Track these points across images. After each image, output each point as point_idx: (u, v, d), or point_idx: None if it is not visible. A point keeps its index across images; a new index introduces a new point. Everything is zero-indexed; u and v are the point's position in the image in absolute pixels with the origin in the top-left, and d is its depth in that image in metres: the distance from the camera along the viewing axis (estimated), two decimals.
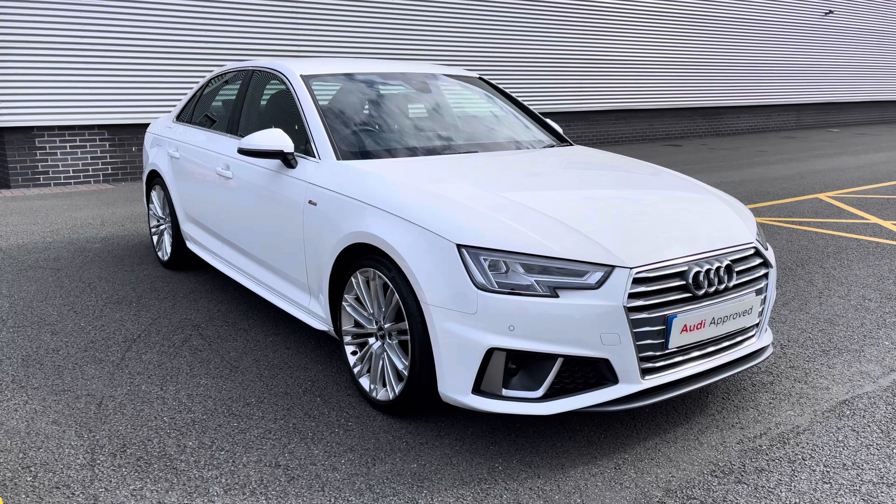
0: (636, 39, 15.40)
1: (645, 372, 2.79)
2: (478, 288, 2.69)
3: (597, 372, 2.76)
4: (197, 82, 8.67)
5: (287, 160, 3.71)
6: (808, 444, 2.93)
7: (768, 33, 17.92)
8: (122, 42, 9.82)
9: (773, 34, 18.03)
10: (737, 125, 18.12)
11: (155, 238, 5.67)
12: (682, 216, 3.19)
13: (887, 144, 15.31)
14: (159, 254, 5.59)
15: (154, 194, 5.61)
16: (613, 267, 2.73)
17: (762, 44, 17.82)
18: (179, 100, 9.99)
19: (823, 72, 19.52)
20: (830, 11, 19.00)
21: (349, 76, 4.32)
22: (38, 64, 9.30)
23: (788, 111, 19.38)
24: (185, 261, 5.34)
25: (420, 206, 3.00)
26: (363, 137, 3.86)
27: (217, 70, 5.34)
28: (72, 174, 9.86)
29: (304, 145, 3.77)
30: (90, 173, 9.99)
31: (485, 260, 2.73)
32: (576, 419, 3.13)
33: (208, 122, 5.04)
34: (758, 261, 3.16)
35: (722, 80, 17.16)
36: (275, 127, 3.94)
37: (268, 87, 4.54)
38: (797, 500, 2.55)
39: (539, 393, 2.74)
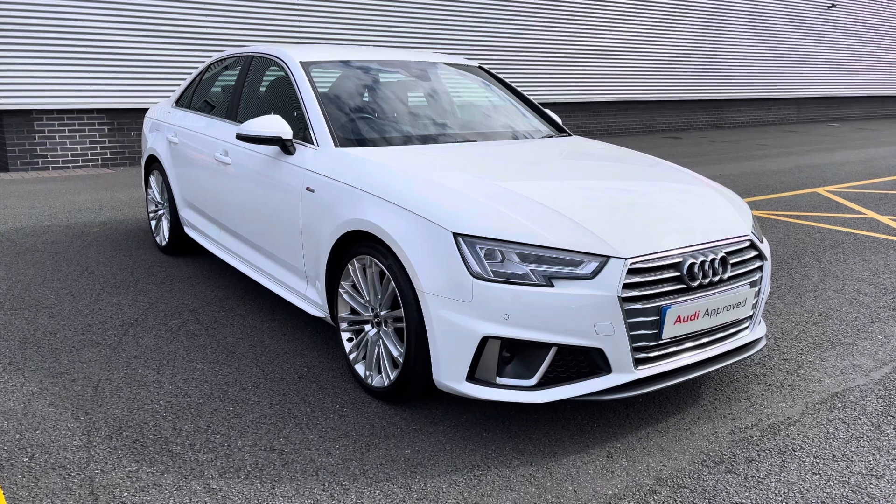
0: (638, 31, 15.36)
1: (638, 362, 2.81)
2: (473, 276, 2.71)
3: (590, 361, 2.78)
4: (196, 67, 8.63)
5: (285, 147, 3.71)
6: (798, 435, 2.96)
7: (770, 27, 17.88)
8: (122, 26, 9.79)
9: (774, 28, 17.98)
10: (737, 118, 18.10)
11: (153, 223, 5.67)
12: (678, 208, 3.21)
13: (887, 139, 15.31)
14: (157, 239, 5.60)
15: (152, 179, 5.61)
16: (608, 257, 2.74)
17: (764, 37, 17.78)
18: (179, 85, 9.97)
19: (824, 66, 19.48)
20: (833, 5, 18.94)
21: (348, 63, 4.31)
22: (37, 46, 9.27)
23: (789, 105, 19.36)
24: (182, 246, 5.35)
25: (417, 195, 3.01)
26: (362, 125, 3.86)
27: (216, 55, 5.33)
28: (70, 158, 9.85)
29: (303, 132, 3.77)
30: (89, 157, 9.98)
31: (481, 249, 2.74)
32: (568, 408, 3.15)
33: (207, 108, 5.04)
34: (753, 253, 3.17)
35: (723, 72, 17.13)
36: (273, 113, 3.94)
37: (267, 73, 4.53)
38: (786, 490, 2.58)
39: (533, 381, 2.76)
